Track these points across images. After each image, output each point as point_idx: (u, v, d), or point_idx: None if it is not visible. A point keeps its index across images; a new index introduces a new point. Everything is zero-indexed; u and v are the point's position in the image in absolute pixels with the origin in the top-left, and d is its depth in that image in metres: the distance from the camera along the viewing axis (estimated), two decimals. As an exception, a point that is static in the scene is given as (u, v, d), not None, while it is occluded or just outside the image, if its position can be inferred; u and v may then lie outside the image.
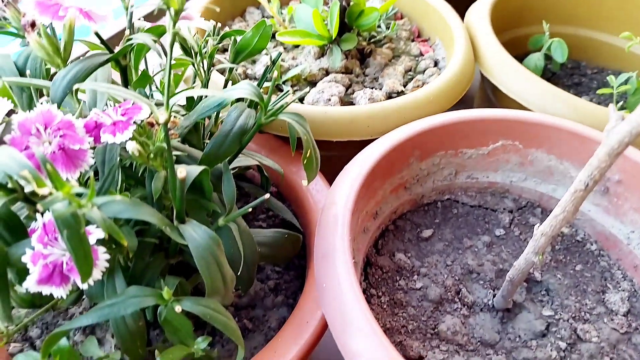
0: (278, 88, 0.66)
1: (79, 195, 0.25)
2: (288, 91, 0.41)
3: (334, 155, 0.55)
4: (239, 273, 0.37)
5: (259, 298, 0.47)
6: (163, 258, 0.40)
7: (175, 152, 0.39)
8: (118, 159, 0.35)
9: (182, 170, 0.30)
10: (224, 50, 0.72)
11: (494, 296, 0.48)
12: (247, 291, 0.45)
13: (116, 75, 0.41)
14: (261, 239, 0.44)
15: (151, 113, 0.33)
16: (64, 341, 0.34)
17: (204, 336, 0.36)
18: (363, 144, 0.52)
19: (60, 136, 0.31)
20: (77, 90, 0.38)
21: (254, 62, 0.71)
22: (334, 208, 0.44)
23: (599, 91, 0.67)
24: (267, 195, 0.38)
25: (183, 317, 0.35)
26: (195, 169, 0.35)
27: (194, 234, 0.33)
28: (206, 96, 0.39)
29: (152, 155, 0.33)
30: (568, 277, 0.50)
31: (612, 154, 0.31)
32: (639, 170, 0.49)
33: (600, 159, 0.32)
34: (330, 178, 0.51)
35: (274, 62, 0.44)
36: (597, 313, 0.48)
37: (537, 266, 0.41)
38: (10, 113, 0.34)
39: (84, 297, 0.46)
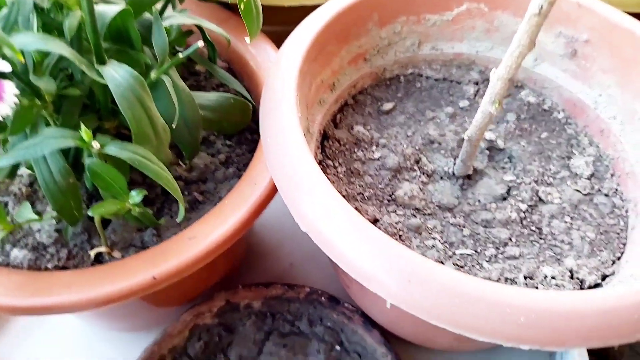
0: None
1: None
2: None
3: (288, 31, 0.51)
4: (173, 126, 0.34)
5: (210, 171, 0.45)
6: (95, 119, 0.37)
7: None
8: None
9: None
10: None
11: (455, 164, 0.46)
12: (193, 160, 0.43)
13: None
14: (204, 102, 0.41)
15: None
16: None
17: (138, 189, 0.34)
18: (319, 12, 0.48)
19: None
20: None
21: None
22: (281, 67, 0.41)
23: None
24: (201, 43, 0.35)
25: (112, 169, 0.32)
26: (114, 8, 0.32)
27: (114, 73, 0.30)
28: None
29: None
30: (533, 144, 0.49)
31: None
32: (608, 27, 0.46)
33: (557, -29, 0.29)
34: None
35: None
36: (561, 177, 0.46)
37: (495, 115, 0.39)
38: None
39: (20, 172, 0.43)
